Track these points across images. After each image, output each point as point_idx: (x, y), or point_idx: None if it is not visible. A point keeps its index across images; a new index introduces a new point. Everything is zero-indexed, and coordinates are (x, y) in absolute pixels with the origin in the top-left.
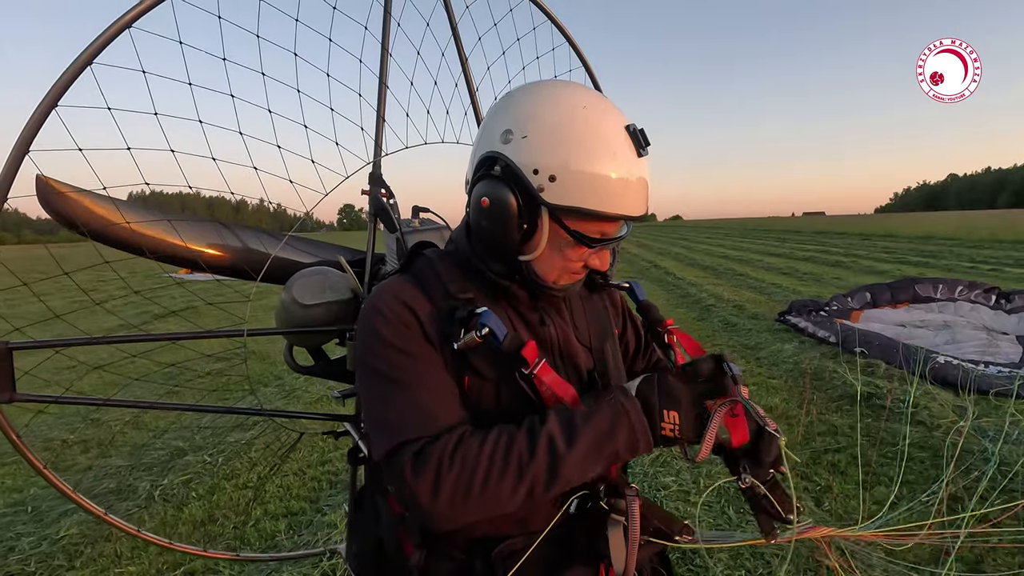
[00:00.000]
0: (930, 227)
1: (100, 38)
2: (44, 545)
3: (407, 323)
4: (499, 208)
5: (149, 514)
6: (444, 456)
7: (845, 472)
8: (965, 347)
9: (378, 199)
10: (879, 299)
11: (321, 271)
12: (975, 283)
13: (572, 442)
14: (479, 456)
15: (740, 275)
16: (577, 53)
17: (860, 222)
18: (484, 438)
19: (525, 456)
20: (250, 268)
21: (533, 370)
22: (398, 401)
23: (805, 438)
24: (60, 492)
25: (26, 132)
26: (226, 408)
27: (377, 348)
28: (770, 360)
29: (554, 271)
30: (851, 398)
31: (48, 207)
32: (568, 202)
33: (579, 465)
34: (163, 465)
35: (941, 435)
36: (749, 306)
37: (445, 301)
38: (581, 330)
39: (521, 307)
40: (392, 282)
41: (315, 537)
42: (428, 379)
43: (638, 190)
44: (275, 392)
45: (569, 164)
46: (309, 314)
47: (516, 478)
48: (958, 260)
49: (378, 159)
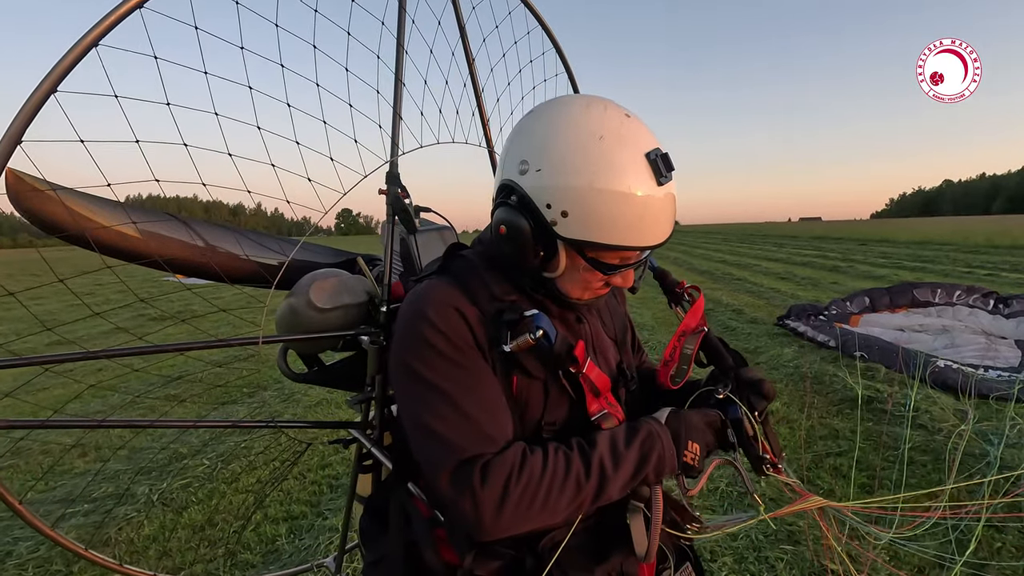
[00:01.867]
0: (926, 232)
1: (110, 16)
2: (42, 550)
3: (458, 331)
4: (516, 235)
5: (148, 519)
6: (513, 471)
7: (847, 476)
8: (964, 351)
9: (398, 199)
10: (878, 303)
11: (335, 272)
12: (973, 287)
13: (618, 466)
14: (543, 473)
15: (738, 279)
16: (562, 59)
17: (856, 227)
18: (545, 456)
19: (582, 476)
20: (256, 274)
21: (583, 369)
22: (452, 415)
23: (807, 442)
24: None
25: (19, 121)
26: (232, 422)
27: (427, 356)
28: (770, 364)
29: (576, 289)
30: (852, 402)
31: (20, 207)
32: (582, 236)
33: (621, 485)
34: (162, 469)
35: (943, 439)
36: (748, 310)
37: (490, 304)
38: (607, 324)
39: (557, 306)
40: (434, 285)
41: (316, 541)
42: (480, 391)
43: (657, 218)
44: (274, 396)
45: (582, 201)
46: (326, 319)
47: (573, 495)
48: (954, 265)
49: (395, 158)
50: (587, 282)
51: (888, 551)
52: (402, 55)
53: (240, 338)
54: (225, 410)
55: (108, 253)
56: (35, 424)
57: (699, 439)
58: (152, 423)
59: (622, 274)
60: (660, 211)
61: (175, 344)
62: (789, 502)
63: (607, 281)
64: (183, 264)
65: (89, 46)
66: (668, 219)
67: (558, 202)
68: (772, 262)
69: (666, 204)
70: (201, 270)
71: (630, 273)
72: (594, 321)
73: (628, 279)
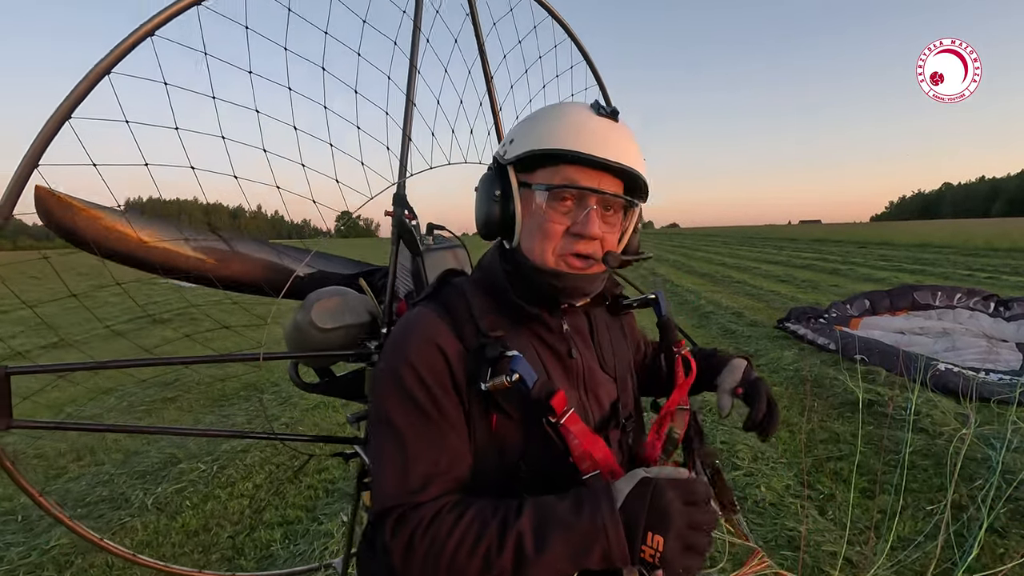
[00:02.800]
0: (926, 235)
1: (121, 46)
2: (33, 556)
3: (435, 369)
4: (480, 186)
5: (142, 523)
6: (419, 529)
7: (848, 480)
8: (965, 354)
9: (403, 221)
10: (878, 306)
11: (339, 291)
12: (973, 290)
13: (542, 548)
14: (448, 538)
15: (738, 282)
16: (593, 71)
17: (856, 230)
18: (458, 519)
19: (493, 550)
20: (268, 285)
21: (560, 420)
22: (394, 461)
23: (807, 446)
24: (55, 519)
25: (37, 144)
26: (237, 432)
27: (396, 395)
28: (770, 367)
29: (540, 247)
30: (852, 405)
31: (49, 221)
32: (522, 150)
33: (547, 570)
34: (156, 473)
35: (944, 443)
36: (748, 313)
37: (475, 338)
38: (607, 360)
39: (550, 337)
40: (422, 315)
41: (311, 547)
42: (435, 440)
43: (595, 132)
44: (272, 399)
45: (525, 124)
46: (328, 338)
47: (482, 567)
48: (954, 268)
49: (403, 179)
50: (549, 232)
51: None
52: (415, 76)
53: (242, 354)
54: (222, 412)
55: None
56: (49, 425)
57: (667, 532)
58: (159, 429)
59: (582, 219)
60: (599, 127)
61: (180, 358)
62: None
63: (569, 230)
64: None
65: (102, 73)
66: (612, 140)
67: (509, 138)
68: (772, 265)
69: (606, 125)
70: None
71: (591, 215)
72: (589, 357)
73: (587, 223)
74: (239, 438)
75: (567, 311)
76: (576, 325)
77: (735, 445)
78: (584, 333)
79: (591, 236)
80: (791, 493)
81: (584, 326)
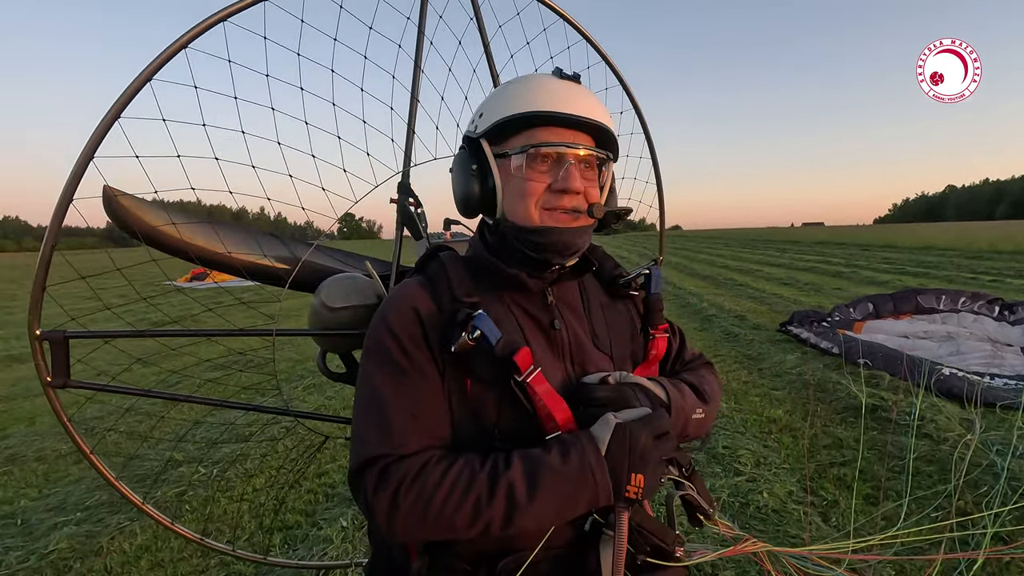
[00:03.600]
0: (929, 238)
1: (161, 56)
2: (32, 560)
3: (411, 331)
4: (455, 166)
5: (141, 527)
6: (404, 481)
7: (852, 486)
8: (970, 359)
9: (405, 207)
10: (881, 310)
11: (350, 276)
12: (978, 294)
13: (533, 495)
14: (437, 489)
15: (740, 285)
16: (612, 70)
17: (859, 233)
18: (447, 470)
19: (483, 498)
20: (285, 276)
21: (526, 378)
22: (376, 414)
23: (810, 451)
24: (104, 479)
25: (92, 140)
26: (254, 406)
27: (377, 356)
28: (772, 371)
29: (523, 206)
30: (856, 410)
31: (111, 214)
32: (492, 120)
33: (537, 517)
34: (156, 476)
35: (948, 449)
36: (750, 316)
37: (451, 304)
38: (601, 337)
39: (532, 307)
40: (405, 285)
41: (310, 552)
42: (412, 394)
43: (556, 90)
44: (298, 386)
45: (492, 97)
46: (336, 317)
47: (471, 516)
48: (958, 271)
49: (406, 169)
50: (529, 191)
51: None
52: (418, 75)
53: (258, 329)
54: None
55: (171, 253)
56: (99, 387)
57: (645, 469)
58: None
59: (561, 175)
60: (564, 88)
61: (203, 330)
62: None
63: (551, 187)
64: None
65: (146, 79)
66: (579, 99)
67: (478, 112)
68: (774, 267)
69: (570, 85)
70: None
71: (571, 170)
72: (577, 330)
73: (571, 177)
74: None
75: (557, 283)
76: (565, 298)
77: (737, 450)
78: (575, 306)
79: (574, 190)
80: (794, 499)
81: (576, 300)
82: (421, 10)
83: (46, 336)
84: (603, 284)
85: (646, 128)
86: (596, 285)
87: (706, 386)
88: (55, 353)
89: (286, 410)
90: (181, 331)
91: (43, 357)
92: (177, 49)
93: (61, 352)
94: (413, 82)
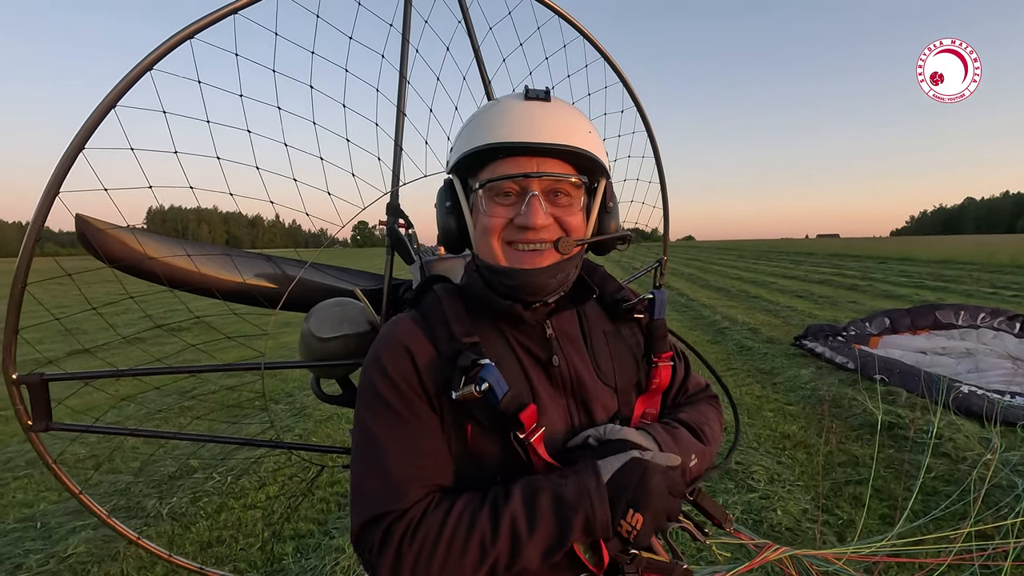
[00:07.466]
0: (948, 251)
1: (122, 82)
2: (51, 563)
3: (405, 374)
4: (436, 202)
5: (156, 533)
6: (407, 534)
7: (868, 505)
8: (989, 376)
9: (394, 231)
10: (898, 325)
11: (340, 303)
12: (998, 310)
13: (534, 526)
14: (440, 533)
15: (754, 297)
16: (612, 66)
17: (876, 245)
18: (448, 512)
19: (488, 537)
20: (264, 297)
21: (528, 438)
22: (373, 468)
23: (825, 468)
24: (96, 516)
25: (56, 174)
26: (247, 440)
27: (371, 401)
28: (787, 386)
29: (486, 243)
30: (872, 427)
31: (85, 243)
32: (456, 156)
33: (541, 550)
34: (172, 482)
35: (967, 468)
36: (764, 329)
37: (449, 344)
38: (604, 369)
39: (529, 342)
40: (399, 321)
41: (322, 562)
42: (410, 441)
43: (521, 115)
44: (286, 410)
45: (462, 131)
46: (326, 347)
47: (478, 558)
48: (978, 285)
49: (395, 189)
50: (491, 227)
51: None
52: (404, 87)
53: (244, 363)
54: (236, 426)
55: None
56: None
57: (647, 511)
58: (175, 435)
59: (524, 209)
60: (527, 112)
61: (189, 366)
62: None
63: (512, 222)
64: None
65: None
66: (544, 122)
67: (451, 146)
68: (789, 280)
69: (535, 107)
70: (236, 294)
71: (531, 203)
72: (578, 365)
73: (531, 212)
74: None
75: (555, 314)
76: (565, 329)
77: (750, 466)
78: (575, 337)
79: (533, 225)
80: (808, 517)
81: (576, 330)
82: (405, 15)
83: (23, 380)
84: (605, 309)
85: (647, 124)
86: (598, 310)
87: (706, 427)
88: (34, 397)
89: (278, 443)
90: (165, 368)
91: (22, 402)
92: (140, 72)
93: (40, 395)
94: (399, 94)
